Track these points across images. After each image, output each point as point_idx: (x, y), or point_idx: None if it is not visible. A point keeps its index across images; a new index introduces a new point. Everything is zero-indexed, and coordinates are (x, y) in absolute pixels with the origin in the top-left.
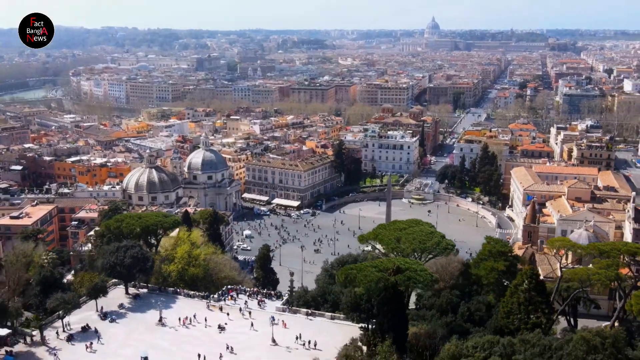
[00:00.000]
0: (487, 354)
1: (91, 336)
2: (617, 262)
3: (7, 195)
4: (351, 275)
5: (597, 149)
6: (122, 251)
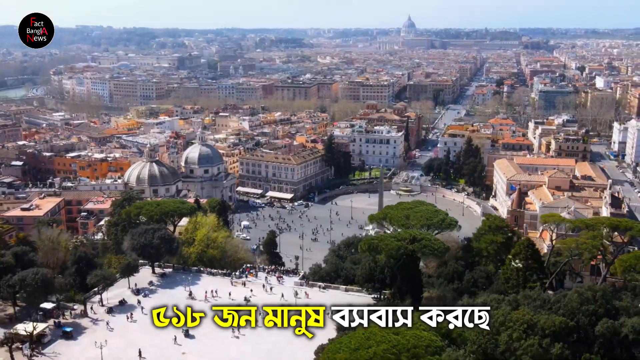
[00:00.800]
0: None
1: (129, 309)
2: (601, 233)
3: (12, 190)
4: (373, 244)
5: (573, 141)
6: (150, 233)
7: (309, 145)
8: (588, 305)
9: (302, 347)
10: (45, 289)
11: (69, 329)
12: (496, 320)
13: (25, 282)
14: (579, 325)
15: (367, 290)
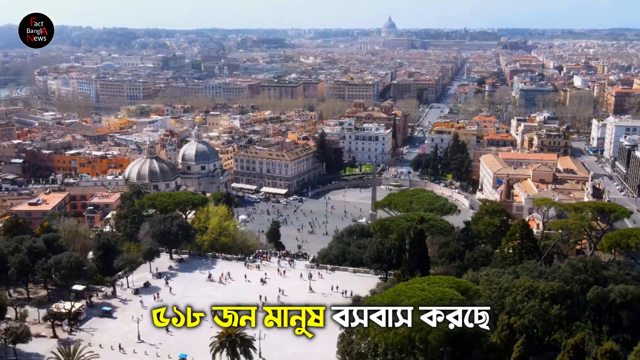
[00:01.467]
0: (500, 275)
1: (153, 290)
2: (588, 215)
3: (15, 186)
4: (386, 225)
5: (555, 137)
6: (168, 221)
7: (300, 142)
8: (580, 275)
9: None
10: (78, 271)
11: (108, 308)
12: (501, 286)
13: (61, 265)
14: (572, 292)
15: (375, 270)
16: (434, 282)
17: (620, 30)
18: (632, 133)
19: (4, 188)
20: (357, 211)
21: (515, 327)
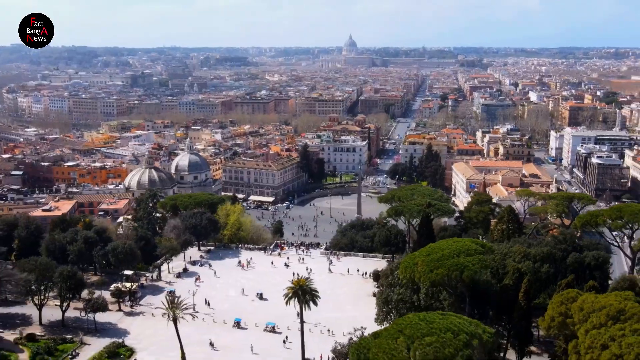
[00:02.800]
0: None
1: (192, 274)
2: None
3: (20, 195)
4: (398, 209)
5: (519, 146)
6: (198, 215)
7: (284, 153)
8: (561, 245)
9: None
10: (131, 257)
11: (172, 288)
12: (501, 251)
13: (117, 251)
14: (555, 258)
15: (383, 254)
16: (457, 240)
17: (569, 49)
18: (588, 142)
19: (10, 197)
20: (342, 216)
21: (522, 270)
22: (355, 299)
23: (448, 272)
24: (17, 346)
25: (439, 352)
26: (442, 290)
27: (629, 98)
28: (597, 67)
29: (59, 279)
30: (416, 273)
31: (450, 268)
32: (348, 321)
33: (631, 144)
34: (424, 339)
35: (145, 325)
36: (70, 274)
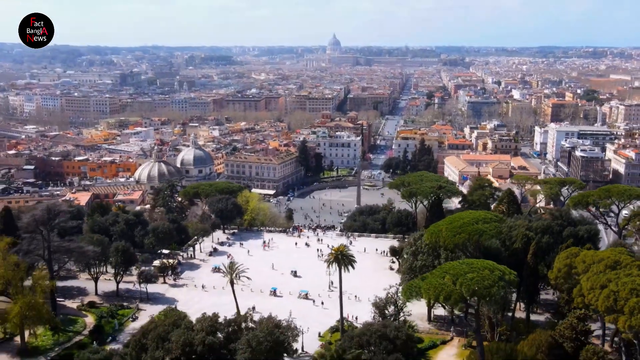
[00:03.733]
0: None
1: (222, 254)
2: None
3: (36, 188)
4: (413, 190)
5: (506, 141)
6: (224, 200)
7: (282, 148)
8: (557, 220)
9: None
10: (169, 237)
11: (217, 264)
12: (507, 225)
13: (158, 231)
14: (553, 231)
15: (394, 234)
16: (474, 211)
17: (549, 49)
18: (571, 137)
19: (25, 190)
20: (341, 207)
21: (529, 236)
22: (375, 271)
23: (469, 236)
24: (81, 312)
25: (480, 284)
26: (461, 255)
27: (608, 96)
28: (577, 66)
29: (114, 253)
30: (441, 238)
31: (471, 233)
32: (371, 289)
33: (612, 138)
34: (467, 275)
35: (190, 294)
36: (124, 249)
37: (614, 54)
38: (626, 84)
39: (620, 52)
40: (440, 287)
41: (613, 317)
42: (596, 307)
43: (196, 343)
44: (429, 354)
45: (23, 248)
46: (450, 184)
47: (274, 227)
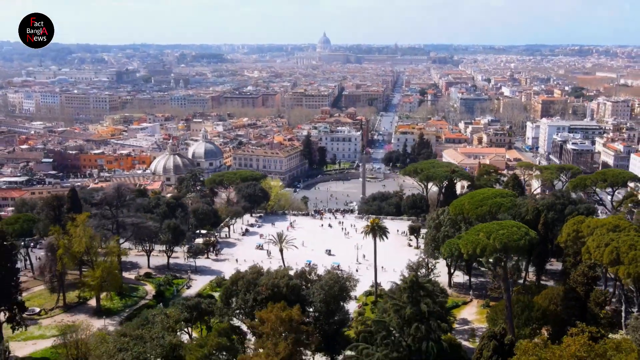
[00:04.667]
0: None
1: (254, 234)
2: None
3: (57, 180)
4: (430, 174)
5: (501, 135)
6: (252, 186)
7: (286, 143)
8: (559, 200)
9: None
10: (208, 217)
11: (261, 242)
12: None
13: (198, 212)
14: (556, 209)
15: (408, 216)
16: (491, 188)
17: (536, 47)
18: (562, 131)
19: (48, 181)
20: (345, 197)
21: (540, 209)
22: (395, 247)
23: (490, 207)
24: (140, 282)
25: (510, 237)
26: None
27: (595, 92)
28: (563, 64)
29: (166, 230)
30: (464, 210)
31: (492, 205)
32: (394, 261)
33: (601, 132)
34: (499, 232)
35: (233, 267)
36: (175, 226)
37: (599, 52)
38: (612, 81)
39: (606, 50)
40: (477, 241)
41: (615, 268)
42: (601, 261)
43: (282, 285)
44: (453, 312)
45: (94, 222)
46: (460, 168)
47: (296, 211)
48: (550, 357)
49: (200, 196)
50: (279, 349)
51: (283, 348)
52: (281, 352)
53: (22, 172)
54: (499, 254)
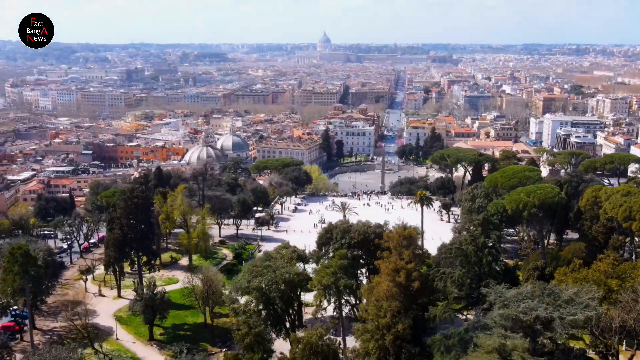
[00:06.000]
0: None
1: (302, 210)
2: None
3: (100, 169)
4: (459, 157)
5: (507, 129)
6: (297, 170)
7: (305, 136)
8: (572, 178)
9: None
10: (264, 196)
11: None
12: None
13: (256, 191)
14: (572, 185)
15: (437, 196)
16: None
17: (533, 46)
18: (565, 126)
19: (91, 171)
20: (364, 187)
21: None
22: (429, 222)
23: (520, 180)
24: (216, 247)
25: (547, 196)
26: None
27: (594, 90)
28: (561, 63)
29: (237, 203)
30: (498, 182)
31: (521, 178)
32: (431, 233)
33: (602, 126)
34: (536, 192)
35: (294, 236)
36: (244, 200)
37: (596, 52)
38: (609, 79)
39: (603, 49)
40: (519, 199)
41: (629, 223)
42: (617, 218)
43: (369, 232)
44: None
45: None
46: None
47: (334, 193)
48: (584, 275)
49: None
50: (404, 256)
51: (407, 255)
52: (405, 258)
53: (65, 163)
54: (536, 210)
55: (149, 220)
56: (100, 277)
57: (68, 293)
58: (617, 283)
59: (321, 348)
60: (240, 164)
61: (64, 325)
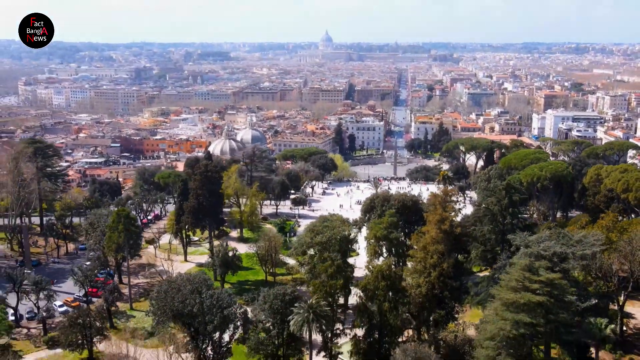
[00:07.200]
0: None
1: (330, 193)
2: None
3: (130, 160)
4: (474, 144)
5: (511, 124)
6: (324, 157)
7: (318, 131)
8: (578, 162)
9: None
10: (297, 180)
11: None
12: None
13: (291, 175)
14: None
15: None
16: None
17: (532, 45)
18: (567, 121)
19: (122, 162)
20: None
21: (570, 162)
22: None
23: (532, 160)
24: (259, 222)
25: (558, 170)
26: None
27: (594, 88)
28: (561, 61)
29: (277, 185)
30: (512, 163)
31: (533, 159)
32: None
33: (602, 121)
34: (548, 166)
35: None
36: (282, 182)
37: (595, 50)
38: (609, 77)
39: (602, 48)
40: (533, 173)
41: (626, 194)
42: (616, 190)
43: (407, 200)
44: None
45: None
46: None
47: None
48: (589, 230)
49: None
50: (448, 209)
51: (450, 208)
52: (449, 210)
53: (96, 155)
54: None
55: (218, 193)
56: (165, 246)
57: (142, 257)
58: (616, 235)
59: (389, 274)
60: (266, 153)
61: (146, 281)
